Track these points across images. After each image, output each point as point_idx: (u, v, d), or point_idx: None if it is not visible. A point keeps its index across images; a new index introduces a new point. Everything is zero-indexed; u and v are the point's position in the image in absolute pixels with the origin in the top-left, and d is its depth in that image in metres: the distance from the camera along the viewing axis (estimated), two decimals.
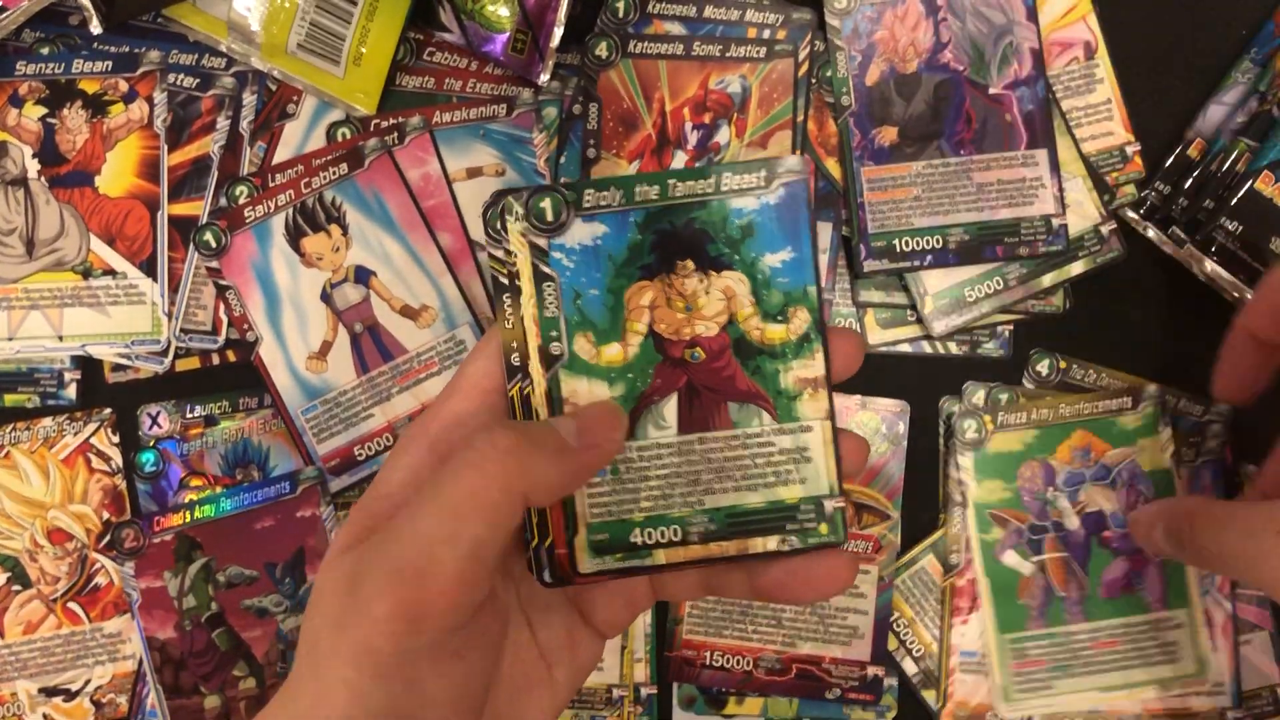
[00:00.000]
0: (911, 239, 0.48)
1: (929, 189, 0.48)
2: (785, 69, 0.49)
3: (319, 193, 0.48)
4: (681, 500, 0.31)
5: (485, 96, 0.49)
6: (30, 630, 0.49)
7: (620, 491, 0.32)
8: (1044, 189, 0.48)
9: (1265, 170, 0.46)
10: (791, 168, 0.32)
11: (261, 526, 0.47)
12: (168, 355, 0.48)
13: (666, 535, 0.31)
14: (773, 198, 0.32)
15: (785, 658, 0.48)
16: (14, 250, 0.48)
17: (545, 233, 0.31)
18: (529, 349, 0.31)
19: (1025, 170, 0.48)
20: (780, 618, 0.48)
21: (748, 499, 0.31)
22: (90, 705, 0.49)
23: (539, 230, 0.31)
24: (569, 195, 0.31)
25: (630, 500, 0.31)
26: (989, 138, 0.48)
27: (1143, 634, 0.48)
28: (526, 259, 0.31)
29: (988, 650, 0.48)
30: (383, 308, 0.48)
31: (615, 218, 0.32)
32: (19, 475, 0.49)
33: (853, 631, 0.48)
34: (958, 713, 0.48)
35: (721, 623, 0.48)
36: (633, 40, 0.49)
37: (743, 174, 0.31)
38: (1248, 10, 0.50)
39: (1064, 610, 0.48)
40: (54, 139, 0.49)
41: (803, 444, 0.32)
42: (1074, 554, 0.48)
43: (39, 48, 0.49)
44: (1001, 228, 0.48)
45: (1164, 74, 0.50)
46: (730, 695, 0.49)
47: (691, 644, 0.48)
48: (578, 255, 0.32)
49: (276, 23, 0.47)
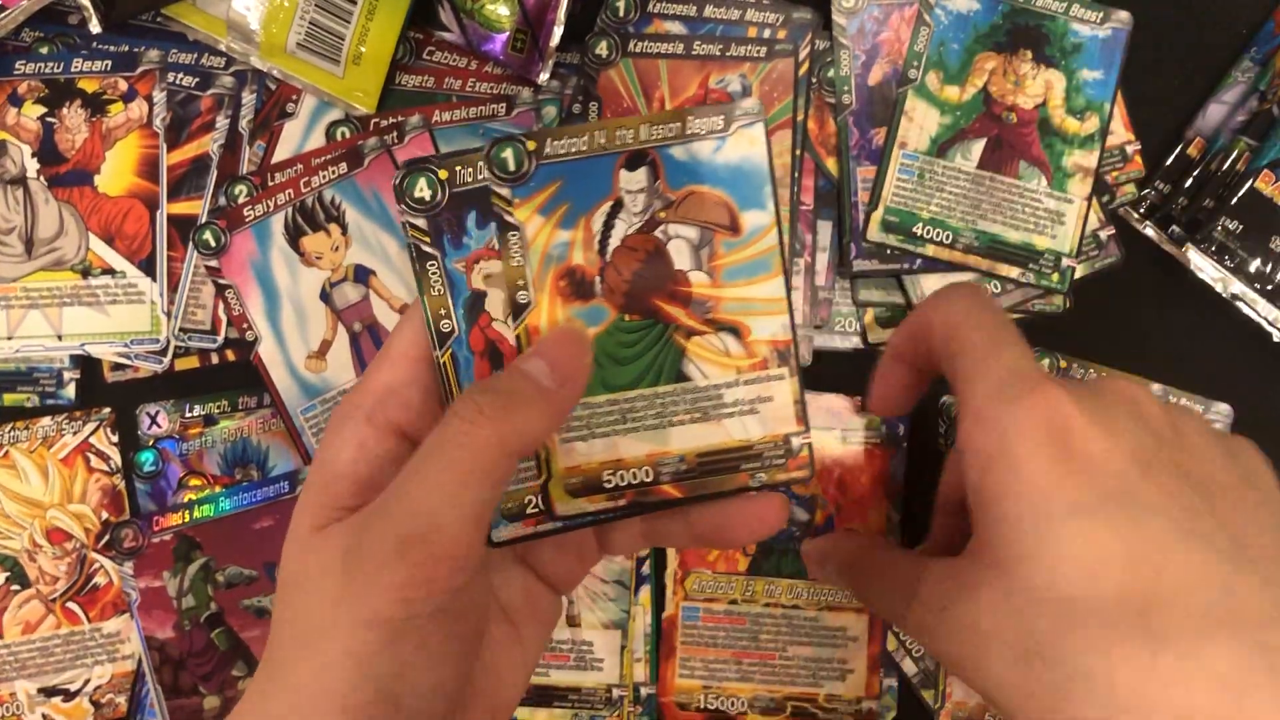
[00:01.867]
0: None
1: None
2: (785, 69, 0.49)
3: (318, 192, 0.48)
4: None
5: (485, 95, 0.49)
6: (29, 630, 0.49)
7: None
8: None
9: (1265, 169, 0.46)
10: (1123, 20, 0.47)
11: (261, 526, 0.47)
12: (167, 354, 0.48)
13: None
14: (1103, 32, 0.46)
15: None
16: (13, 249, 0.48)
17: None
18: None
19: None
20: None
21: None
22: (89, 705, 0.48)
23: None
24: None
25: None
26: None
27: None
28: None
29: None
30: (382, 307, 0.48)
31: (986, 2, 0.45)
32: (18, 475, 0.49)
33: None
34: (956, 713, 0.48)
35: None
36: (633, 39, 0.49)
37: (1087, 8, 0.47)
38: (1248, 10, 0.50)
39: None
40: (53, 138, 0.49)
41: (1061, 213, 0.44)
42: None
43: (38, 47, 0.49)
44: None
45: (1164, 73, 0.50)
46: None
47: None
48: (953, 16, 0.46)
49: (276, 22, 0.47)
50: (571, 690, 0.49)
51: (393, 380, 0.31)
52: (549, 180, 0.31)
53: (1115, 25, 0.47)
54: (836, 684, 0.48)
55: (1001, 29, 0.48)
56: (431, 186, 0.31)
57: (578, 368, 0.30)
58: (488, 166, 0.31)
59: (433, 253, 0.31)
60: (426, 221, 0.31)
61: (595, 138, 0.31)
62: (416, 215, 0.31)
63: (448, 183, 0.31)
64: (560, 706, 0.49)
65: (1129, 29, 0.47)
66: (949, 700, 0.48)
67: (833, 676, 0.48)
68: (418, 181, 0.31)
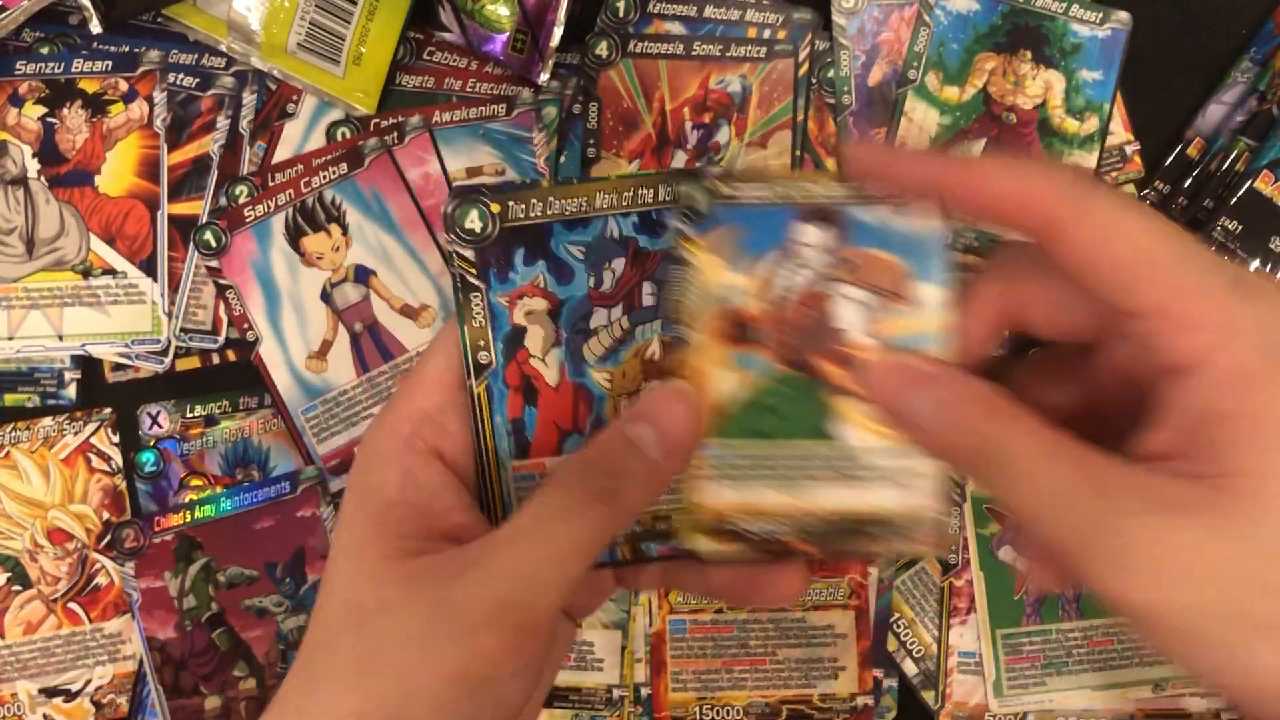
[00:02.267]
0: None
1: None
2: (785, 69, 0.49)
3: (319, 192, 0.48)
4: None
5: (485, 96, 0.49)
6: (30, 630, 0.49)
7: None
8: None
9: (1265, 170, 0.47)
10: (1123, 20, 0.47)
11: (262, 526, 0.47)
12: (168, 355, 0.48)
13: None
14: (1103, 33, 0.47)
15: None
16: (14, 250, 0.48)
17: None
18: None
19: None
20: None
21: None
22: (90, 705, 0.49)
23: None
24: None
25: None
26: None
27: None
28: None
29: (981, 644, 0.48)
30: (383, 307, 0.48)
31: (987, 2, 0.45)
32: (19, 475, 0.49)
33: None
34: (956, 713, 0.48)
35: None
36: (633, 40, 0.49)
37: (1086, 9, 0.46)
38: (1248, 10, 0.50)
39: (1059, 607, 0.48)
40: (54, 138, 0.49)
41: None
42: None
43: (39, 47, 0.49)
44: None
45: (1164, 73, 0.50)
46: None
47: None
48: (952, 17, 0.47)
49: (276, 22, 0.47)
50: (572, 690, 0.49)
51: (428, 406, 0.31)
52: (726, 222, 0.31)
53: (1115, 25, 0.47)
54: (829, 683, 0.48)
55: (1001, 29, 0.48)
56: (483, 219, 0.31)
57: (687, 436, 0.29)
58: (676, 201, 0.31)
59: (479, 285, 0.31)
60: (474, 253, 0.31)
61: (777, 189, 0.30)
62: (465, 246, 0.31)
63: (499, 216, 0.31)
64: (560, 707, 0.49)
65: (1129, 29, 0.48)
66: (949, 700, 0.48)
67: (825, 675, 0.48)
68: (470, 213, 0.31)
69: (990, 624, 0.48)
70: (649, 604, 0.49)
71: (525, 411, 0.31)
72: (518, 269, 0.31)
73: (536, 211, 0.31)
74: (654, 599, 0.48)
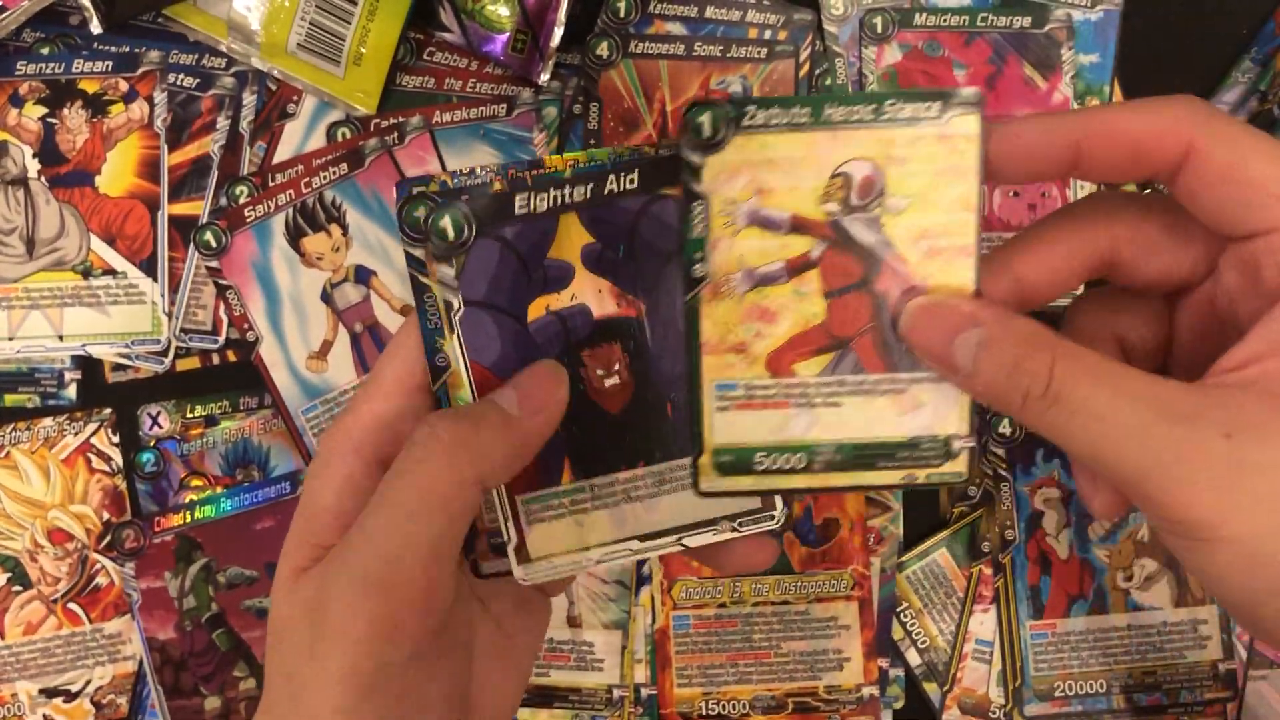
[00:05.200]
0: None
1: None
2: (786, 70, 0.49)
3: (319, 192, 0.48)
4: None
5: (485, 96, 0.49)
6: (30, 631, 0.49)
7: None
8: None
9: None
10: (1114, 1, 0.47)
11: (262, 527, 0.47)
12: (168, 355, 0.48)
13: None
14: (1094, 15, 0.48)
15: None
16: (14, 250, 0.48)
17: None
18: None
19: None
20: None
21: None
22: (90, 706, 0.49)
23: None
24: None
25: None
26: None
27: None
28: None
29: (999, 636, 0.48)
30: (383, 307, 0.48)
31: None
32: (19, 475, 0.49)
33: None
34: (964, 699, 0.48)
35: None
36: (634, 40, 0.49)
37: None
38: (1248, 10, 0.50)
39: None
40: (54, 139, 0.49)
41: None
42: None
43: (39, 47, 0.49)
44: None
45: (1164, 74, 0.50)
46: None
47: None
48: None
49: (276, 22, 0.47)
50: (572, 691, 0.49)
51: (384, 411, 0.30)
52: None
53: (1106, 7, 0.48)
54: (835, 674, 0.48)
55: None
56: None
57: (549, 401, 0.29)
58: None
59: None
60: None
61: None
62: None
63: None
64: (561, 707, 0.49)
65: (1120, 9, 0.48)
66: (957, 685, 0.48)
67: (830, 667, 0.48)
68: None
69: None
70: (651, 603, 0.49)
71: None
72: None
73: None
74: (657, 596, 0.48)
